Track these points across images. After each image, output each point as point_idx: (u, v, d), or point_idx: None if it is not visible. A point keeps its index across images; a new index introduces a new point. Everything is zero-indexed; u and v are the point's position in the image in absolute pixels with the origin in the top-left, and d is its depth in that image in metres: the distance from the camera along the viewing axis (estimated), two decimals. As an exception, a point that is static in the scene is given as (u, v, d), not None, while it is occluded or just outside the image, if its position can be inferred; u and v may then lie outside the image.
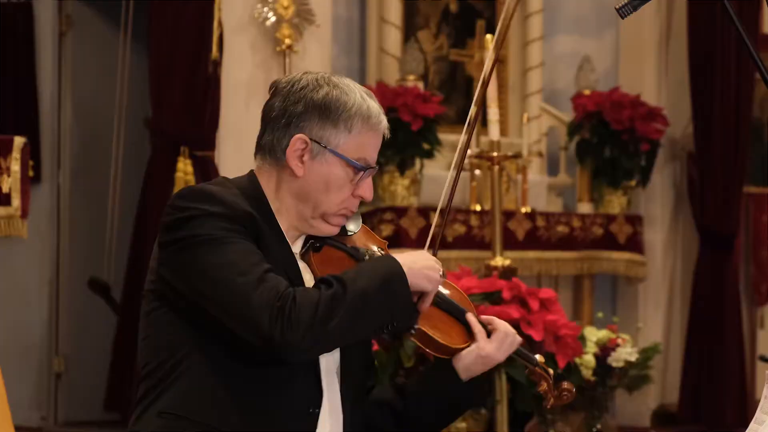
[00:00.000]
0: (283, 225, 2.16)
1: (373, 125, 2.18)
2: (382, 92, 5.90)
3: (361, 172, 2.16)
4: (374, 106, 2.19)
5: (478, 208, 6.04)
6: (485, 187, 6.02)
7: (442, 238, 5.94)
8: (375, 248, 2.26)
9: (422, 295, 2.16)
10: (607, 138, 6.51)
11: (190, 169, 5.28)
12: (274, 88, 2.19)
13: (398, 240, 5.73)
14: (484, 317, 2.32)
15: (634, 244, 6.52)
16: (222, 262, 1.99)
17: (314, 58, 5.60)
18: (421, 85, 6.20)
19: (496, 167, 4.91)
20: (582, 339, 4.70)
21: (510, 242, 5.91)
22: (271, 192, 2.16)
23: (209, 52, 5.28)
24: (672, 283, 6.90)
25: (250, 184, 2.16)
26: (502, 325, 2.31)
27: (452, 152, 6.37)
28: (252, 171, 2.20)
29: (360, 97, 2.17)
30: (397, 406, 2.28)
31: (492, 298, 4.43)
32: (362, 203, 2.23)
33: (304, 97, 2.14)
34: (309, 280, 2.15)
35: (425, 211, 5.92)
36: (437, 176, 6.21)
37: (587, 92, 6.59)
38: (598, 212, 6.58)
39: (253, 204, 2.11)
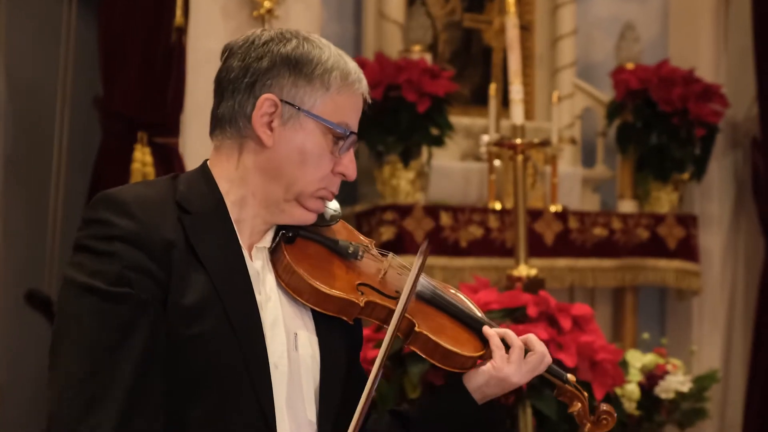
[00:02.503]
0: (247, 216, 2.15)
1: (353, 83, 2.17)
2: (381, 66, 5.89)
3: (342, 141, 2.15)
4: (352, 62, 2.18)
5: (497, 206, 6.04)
6: (506, 181, 6.02)
7: (455, 242, 5.98)
8: (362, 241, 2.27)
9: None
10: (654, 122, 6.51)
11: (149, 158, 5.27)
12: (228, 51, 2.18)
13: (401, 244, 5.73)
14: (500, 330, 2.31)
15: (687, 249, 6.52)
16: (74, 319, 2.00)
17: (299, 25, 5.58)
18: (429, 58, 6.19)
19: (520, 157, 4.91)
20: (624, 365, 4.70)
21: (537, 248, 5.91)
22: (231, 177, 2.15)
23: (172, 18, 5.28)
24: (733, 297, 6.90)
25: (200, 178, 2.16)
26: (529, 342, 2.30)
27: (466, 139, 6.38)
28: (204, 162, 2.21)
29: (335, 51, 2.17)
30: None
31: (515, 315, 4.42)
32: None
33: (270, 51, 2.13)
34: (270, 281, 2.13)
35: (434, 210, 5.92)
36: (448, 168, 6.20)
37: (630, 66, 6.59)
38: (643, 211, 6.58)
39: (200, 206, 2.10)
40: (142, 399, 1.98)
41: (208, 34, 5.52)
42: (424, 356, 2.23)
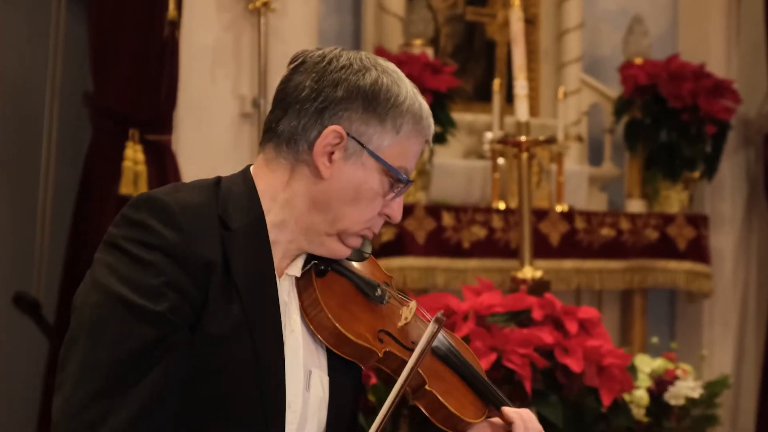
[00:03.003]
0: (283, 239, 2.12)
1: (424, 129, 2.14)
2: (381, 61, 5.90)
3: (399, 186, 2.12)
4: (425, 105, 2.15)
5: (501, 206, 6.04)
6: (511, 179, 6.02)
7: (458, 243, 5.98)
8: (385, 286, 2.25)
9: None
10: (663, 118, 6.51)
11: (141, 157, 5.27)
12: (300, 61, 2.14)
13: (402, 246, 5.73)
14: (517, 410, 2.28)
15: (698, 250, 6.52)
16: (95, 325, 1.95)
17: (297, 18, 5.60)
18: (430, 52, 6.20)
19: (525, 155, 4.91)
20: (632, 370, 4.70)
21: (542, 249, 5.91)
22: (276, 196, 2.11)
23: (165, 11, 5.28)
24: (745, 299, 6.90)
25: (243, 188, 2.11)
26: (529, 420, 2.25)
27: (469, 136, 6.38)
28: (247, 168, 2.16)
29: (412, 90, 2.14)
30: None
31: (519, 319, 4.43)
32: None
33: (347, 80, 2.09)
34: (295, 312, 2.11)
35: (436, 210, 5.93)
36: (450, 166, 6.20)
37: (638, 61, 6.59)
38: (652, 211, 6.58)
39: (239, 221, 2.06)
40: (151, 425, 1.94)
41: (202, 28, 5.52)
42: (425, 413, 2.22)
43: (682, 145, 6.49)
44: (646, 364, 4.95)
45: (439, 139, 5.98)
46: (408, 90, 2.13)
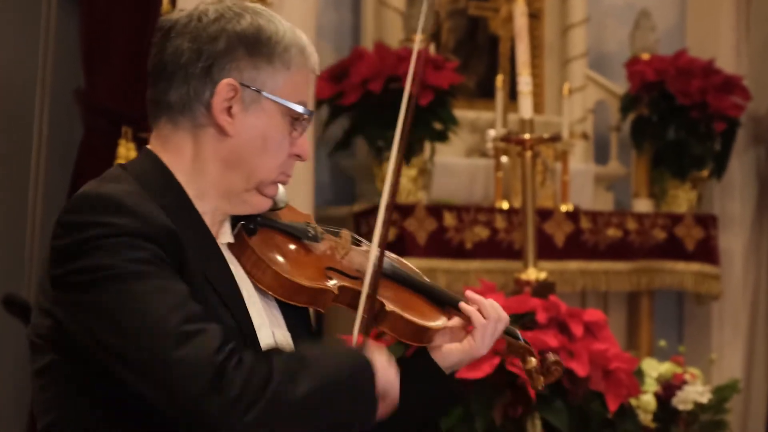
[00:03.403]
0: (207, 209, 2.12)
1: (309, 58, 2.16)
2: (381, 56, 5.90)
3: (300, 122, 2.14)
4: (303, 34, 2.17)
5: (505, 206, 6.03)
6: (514, 178, 6.02)
7: (460, 244, 5.97)
8: (307, 218, 2.28)
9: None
10: (671, 115, 6.51)
11: (134, 155, 5.27)
12: (168, 28, 2.14)
13: (403, 246, 5.72)
14: (475, 299, 2.34)
15: (707, 251, 6.52)
16: (135, 307, 1.90)
17: (294, 13, 5.59)
18: (432, 48, 6.19)
19: (529, 153, 4.91)
20: (639, 374, 4.70)
21: (546, 250, 5.90)
22: (187, 169, 2.11)
23: (159, 5, 5.28)
24: (755, 301, 6.90)
25: (153, 168, 2.10)
26: (485, 308, 2.32)
27: (472, 134, 6.38)
28: (147, 149, 2.15)
29: (287, 24, 2.15)
30: None
31: (523, 322, 4.42)
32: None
33: (223, 30, 2.09)
34: (244, 278, 2.12)
35: (437, 211, 5.92)
36: (452, 165, 6.20)
37: (645, 56, 6.59)
38: (659, 211, 6.58)
39: (165, 199, 2.04)
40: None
41: (197, 23, 5.51)
42: (392, 334, 2.25)
43: (690, 143, 6.48)
44: (654, 368, 4.95)
45: (441, 137, 5.97)
46: (284, 25, 2.14)
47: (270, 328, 2.14)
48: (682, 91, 6.43)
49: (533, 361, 2.43)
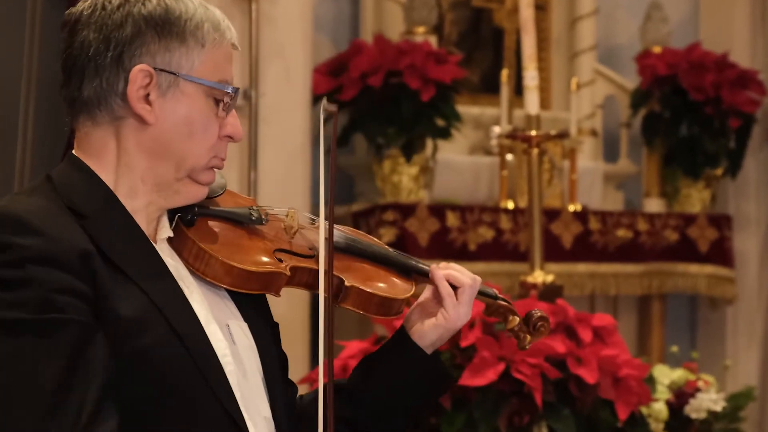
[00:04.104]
0: (139, 206, 2.10)
1: (224, 33, 2.13)
2: (381, 50, 5.90)
3: (225, 101, 2.11)
4: (215, 9, 2.15)
5: (510, 205, 6.04)
6: (520, 177, 6.02)
7: (463, 245, 5.98)
8: (250, 202, 2.27)
9: None
10: (683, 111, 6.51)
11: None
12: (74, 21, 2.11)
13: (403, 248, 5.71)
14: (443, 271, 2.31)
15: (721, 253, 6.52)
16: (11, 364, 1.88)
17: (290, 4, 5.60)
18: (434, 40, 6.20)
19: (535, 151, 4.91)
20: (650, 381, 4.71)
21: (554, 251, 5.91)
22: (112, 167, 2.09)
23: (149, -4, 5.29)
24: (771, 306, 6.90)
25: (78, 176, 2.08)
26: (453, 277, 2.29)
27: (475, 130, 6.38)
28: (71, 154, 2.13)
29: (197, 0, 2.13)
30: (345, 415, 2.24)
31: (529, 327, 4.43)
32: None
33: (129, 14, 2.07)
34: (185, 273, 2.11)
35: (439, 210, 5.93)
36: (455, 163, 6.21)
37: (657, 49, 6.60)
38: (671, 211, 6.58)
39: (89, 207, 2.03)
40: (104, 419, 1.92)
41: (189, 15, 5.52)
42: (358, 311, 2.23)
43: (703, 140, 6.49)
44: (665, 375, 4.95)
45: (444, 133, 5.98)
46: (194, 1, 2.12)
47: (223, 320, 2.12)
48: (695, 85, 6.43)
49: (516, 319, 2.41)
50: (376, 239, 2.39)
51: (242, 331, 2.15)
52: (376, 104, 5.84)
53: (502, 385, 4.22)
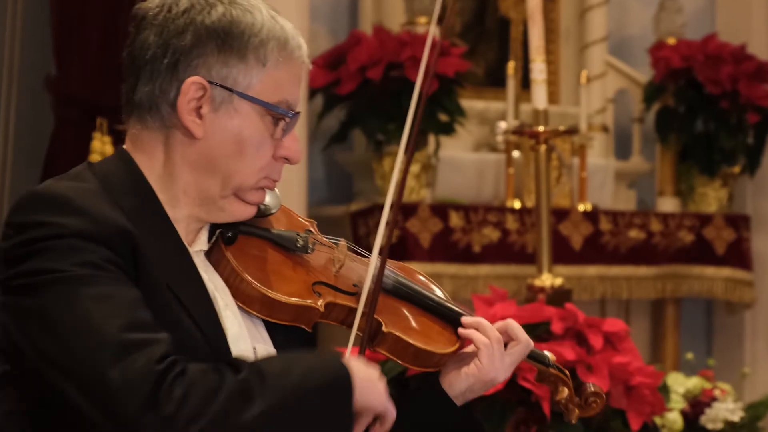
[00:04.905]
0: (180, 217, 2.12)
1: (293, 52, 2.14)
2: (381, 41, 5.90)
3: (283, 122, 2.12)
4: (287, 24, 2.15)
5: (517, 205, 6.03)
6: (527, 175, 6.02)
7: (467, 247, 5.97)
8: (305, 224, 2.26)
9: (378, 419, 2.09)
10: (699, 106, 6.51)
11: (109, 149, 5.28)
12: (141, 20, 2.14)
13: (404, 249, 5.73)
14: (477, 320, 2.31)
15: (738, 255, 6.52)
16: (75, 315, 1.91)
17: (285, -7, 5.60)
18: (436, 31, 6.19)
19: (543, 147, 4.91)
20: (664, 390, 4.70)
21: (563, 253, 5.91)
22: (158, 172, 2.12)
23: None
24: (791, 310, 6.90)
25: (122, 168, 2.12)
26: (510, 330, 2.30)
27: (480, 126, 6.38)
28: (122, 149, 2.17)
29: (268, 14, 2.13)
30: None
31: (536, 333, 4.42)
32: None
33: (192, 22, 2.08)
34: (221, 288, 2.12)
35: (442, 210, 5.92)
36: (459, 160, 6.20)
37: (671, 41, 6.59)
38: (686, 211, 6.58)
39: (129, 201, 2.06)
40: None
41: (179, 4, 5.51)
42: (393, 358, 2.22)
43: (720, 136, 6.49)
44: (680, 384, 4.95)
45: (447, 129, 5.97)
46: (264, 15, 2.12)
47: (251, 342, 2.14)
48: (712, 79, 6.43)
49: (566, 391, 2.37)
50: (432, 282, 2.36)
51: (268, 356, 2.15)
52: (376, 98, 5.83)
53: (508, 394, 4.22)
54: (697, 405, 4.92)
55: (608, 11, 6.74)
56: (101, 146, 5.29)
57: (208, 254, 2.16)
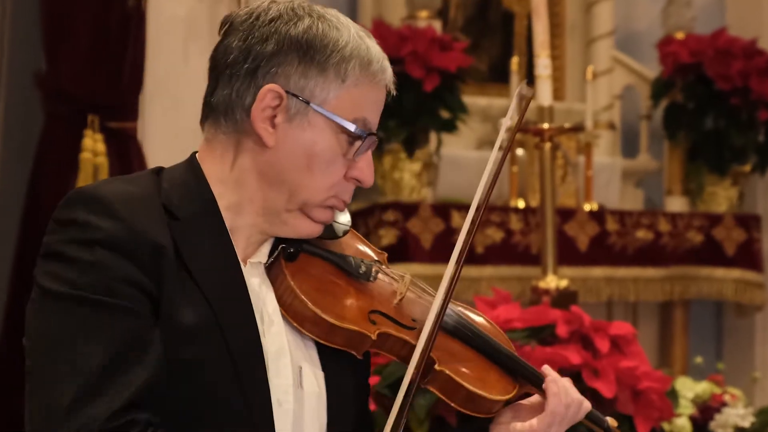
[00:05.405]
0: (242, 225, 2.15)
1: (375, 74, 2.17)
2: (381, 36, 5.89)
3: (359, 142, 2.15)
4: (374, 47, 2.19)
5: (520, 204, 6.04)
6: (531, 174, 6.02)
7: (471, 248, 5.96)
8: (374, 255, 2.27)
9: None
10: (709, 102, 6.51)
11: (101, 147, 5.28)
12: (229, 24, 2.17)
13: (405, 251, 5.73)
14: (551, 371, 2.31)
15: (749, 256, 6.52)
16: (62, 334, 1.99)
17: (282, -14, 5.60)
18: (438, 26, 6.20)
19: (548, 145, 4.91)
20: (673, 395, 4.70)
21: (568, 254, 5.91)
22: (225, 178, 2.15)
23: (127, -22, 5.29)
24: (803, 313, 6.90)
25: (188, 173, 2.16)
26: (560, 387, 2.29)
27: (483, 123, 6.38)
28: (193, 153, 2.20)
29: (355, 33, 2.16)
30: None
31: (541, 336, 4.43)
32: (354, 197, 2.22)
33: (277, 31, 2.12)
34: (271, 302, 2.14)
35: (444, 209, 5.93)
36: (461, 158, 6.20)
37: (680, 36, 6.59)
38: (695, 211, 6.58)
39: (186, 208, 2.10)
40: (143, 413, 1.99)
41: (173, -3, 5.52)
42: (443, 398, 2.23)
43: (730, 134, 6.49)
44: (689, 388, 4.95)
45: (448, 126, 5.97)
46: (351, 33, 2.15)
47: (295, 361, 2.15)
48: (722, 74, 6.43)
49: None
50: (497, 329, 2.36)
51: (314, 377, 2.17)
52: (376, 95, 5.83)
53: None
54: (706, 410, 4.92)
55: (615, 5, 6.74)
56: (93, 144, 5.28)
57: (269, 269, 2.17)
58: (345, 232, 2.24)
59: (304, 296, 2.13)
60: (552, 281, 4.76)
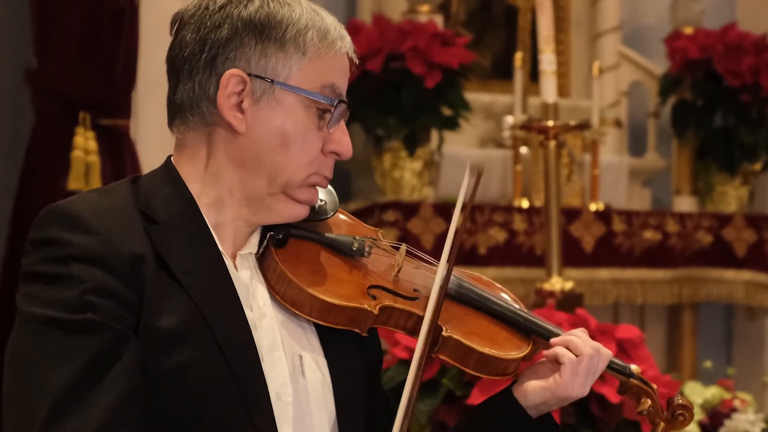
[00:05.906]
0: (226, 219, 2.16)
1: (335, 41, 2.18)
2: (381, 31, 5.89)
3: (329, 113, 2.16)
4: (329, 17, 2.20)
5: (524, 204, 6.04)
6: (535, 173, 6.02)
7: (473, 248, 5.97)
8: (367, 232, 2.29)
9: None
10: (718, 99, 6.51)
11: (93, 145, 5.28)
12: (178, 22, 2.20)
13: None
14: (565, 338, 2.31)
15: (760, 257, 6.52)
16: (32, 356, 2.01)
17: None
18: (440, 20, 6.20)
19: (553, 143, 4.91)
20: (681, 400, 4.71)
21: (573, 255, 5.91)
22: (201, 175, 2.17)
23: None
24: (816, 316, 6.91)
25: (164, 178, 2.18)
26: (578, 342, 2.29)
27: (486, 120, 6.38)
28: (168, 158, 2.23)
29: (307, 6, 2.18)
30: None
31: (546, 339, 4.43)
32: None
33: (229, 16, 2.14)
34: (262, 294, 2.15)
35: (445, 210, 5.93)
36: (464, 156, 6.20)
37: (688, 30, 6.59)
38: (704, 211, 6.58)
39: (165, 213, 2.12)
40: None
41: (167, -8, 5.52)
42: (455, 364, 2.24)
43: (740, 131, 6.49)
44: (698, 394, 4.95)
45: (450, 124, 5.97)
46: (303, 6, 2.17)
47: (293, 351, 2.16)
48: (731, 70, 6.43)
49: (648, 402, 2.37)
50: (504, 291, 2.38)
51: (317, 365, 2.18)
52: (375, 91, 5.83)
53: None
54: (715, 416, 4.92)
55: (622, -1, 6.75)
56: (84, 142, 5.28)
57: (261, 260, 2.19)
58: (334, 210, 2.26)
59: (298, 280, 2.14)
60: (557, 283, 4.76)
